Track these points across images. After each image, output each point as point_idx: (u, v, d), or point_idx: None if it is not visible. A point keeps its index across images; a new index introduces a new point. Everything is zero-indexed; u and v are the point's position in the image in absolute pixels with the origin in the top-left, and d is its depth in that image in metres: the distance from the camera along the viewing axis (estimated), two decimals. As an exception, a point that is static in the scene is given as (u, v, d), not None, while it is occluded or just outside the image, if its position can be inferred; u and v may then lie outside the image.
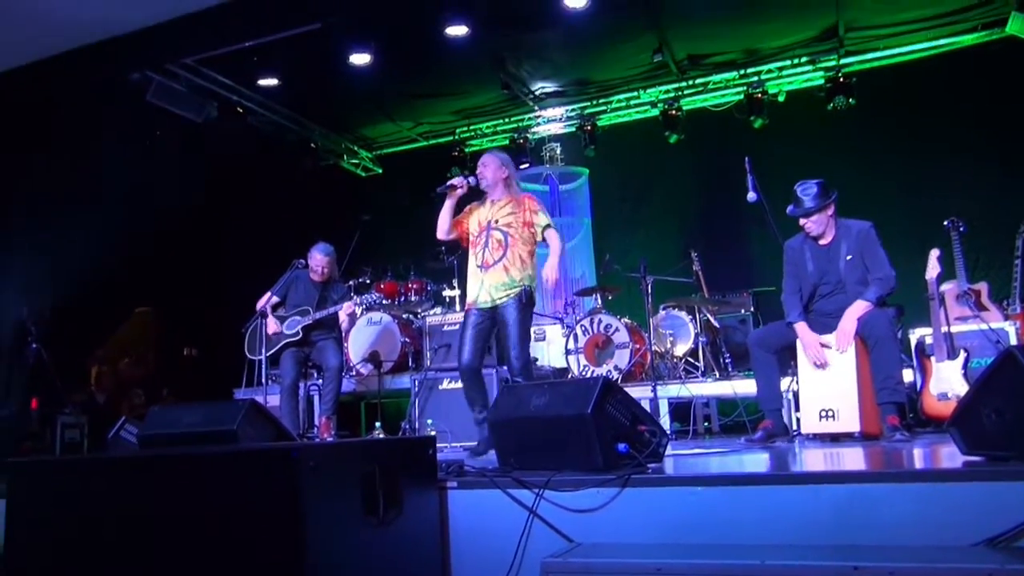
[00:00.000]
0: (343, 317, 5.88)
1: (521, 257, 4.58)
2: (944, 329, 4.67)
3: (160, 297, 8.54)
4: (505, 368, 4.69)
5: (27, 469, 2.76)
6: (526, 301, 4.54)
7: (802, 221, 4.45)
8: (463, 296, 6.07)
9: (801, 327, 4.35)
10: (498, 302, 4.54)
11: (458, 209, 4.78)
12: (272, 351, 5.86)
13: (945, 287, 5.14)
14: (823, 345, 4.26)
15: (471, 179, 4.71)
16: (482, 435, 4.51)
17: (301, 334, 5.81)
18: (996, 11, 7.09)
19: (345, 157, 9.82)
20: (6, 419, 6.36)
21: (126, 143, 7.36)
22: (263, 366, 5.89)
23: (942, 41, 7.53)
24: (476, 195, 4.83)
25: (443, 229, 4.75)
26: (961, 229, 5.22)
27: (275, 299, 5.92)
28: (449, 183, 4.68)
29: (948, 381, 4.58)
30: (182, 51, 6.92)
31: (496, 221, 4.65)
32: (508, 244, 4.59)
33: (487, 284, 4.58)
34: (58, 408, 6.58)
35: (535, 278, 4.67)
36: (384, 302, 7.19)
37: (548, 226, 4.69)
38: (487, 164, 4.75)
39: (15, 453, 6.04)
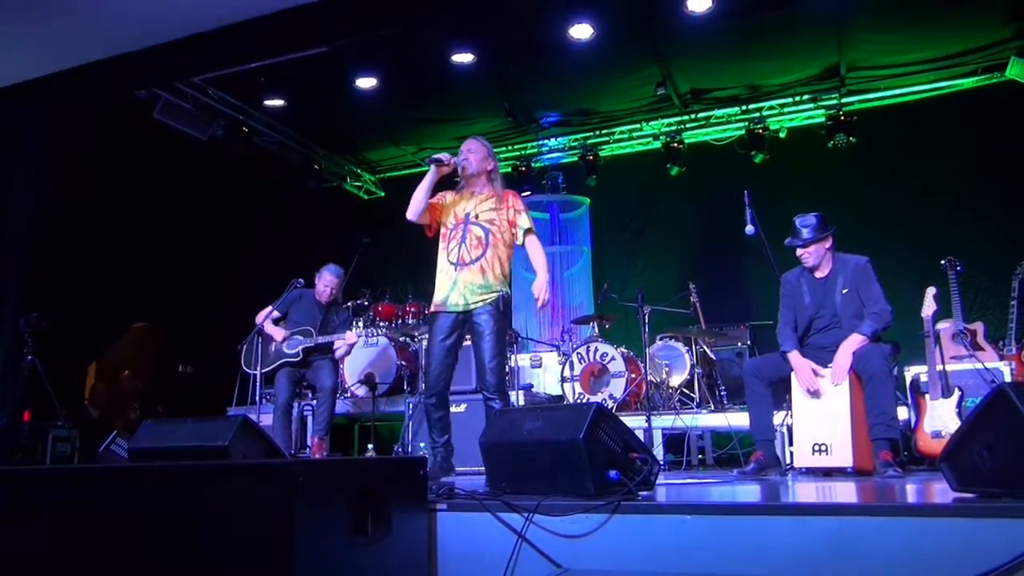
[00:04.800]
0: (340, 344, 5.85)
1: (501, 259, 4.19)
2: (939, 367, 4.67)
3: (158, 313, 8.54)
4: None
5: (12, 479, 2.74)
6: (503, 309, 4.14)
7: (799, 252, 4.48)
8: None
9: (794, 355, 4.37)
10: (472, 307, 4.11)
11: (432, 194, 4.28)
12: (269, 368, 5.84)
13: (941, 326, 5.15)
14: (816, 374, 4.28)
15: (457, 159, 4.26)
16: (434, 461, 4.10)
17: (301, 355, 5.80)
18: (996, 55, 7.18)
19: (348, 179, 9.88)
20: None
21: (128, 160, 7.41)
22: (258, 384, 5.88)
23: (942, 83, 7.63)
24: (449, 184, 4.41)
25: (416, 209, 4.19)
26: (958, 268, 5.23)
27: (276, 314, 5.90)
28: (436, 156, 4.20)
29: (942, 419, 4.57)
30: (190, 70, 6.97)
31: (477, 216, 4.21)
32: (489, 243, 4.16)
33: (461, 284, 4.13)
34: (51, 421, 6.56)
35: (510, 285, 4.26)
36: (381, 325, 7.19)
37: (530, 230, 4.27)
38: (474, 150, 4.28)
39: (4, 464, 6.00)
